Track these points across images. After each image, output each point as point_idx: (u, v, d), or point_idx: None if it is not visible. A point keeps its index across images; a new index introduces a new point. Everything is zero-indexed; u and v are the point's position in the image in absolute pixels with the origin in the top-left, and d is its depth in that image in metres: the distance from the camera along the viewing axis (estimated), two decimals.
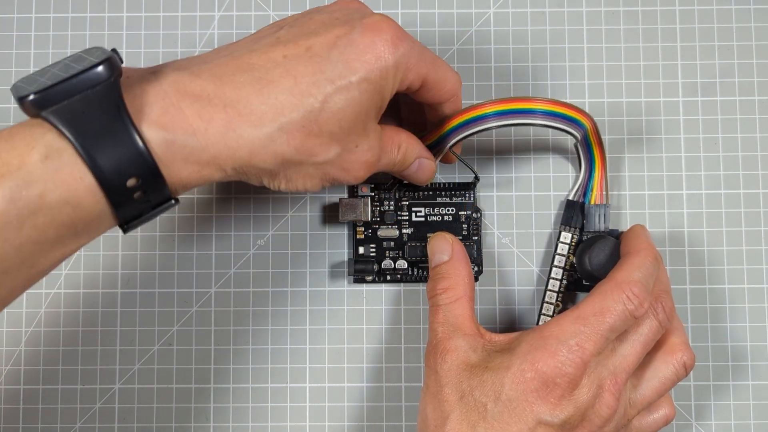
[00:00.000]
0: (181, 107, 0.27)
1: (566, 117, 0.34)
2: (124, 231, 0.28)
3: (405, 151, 0.34)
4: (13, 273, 0.26)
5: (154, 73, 0.28)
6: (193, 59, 0.29)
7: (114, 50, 0.27)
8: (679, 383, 0.38)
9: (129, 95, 0.27)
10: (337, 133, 0.29)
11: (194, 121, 0.27)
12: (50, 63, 0.27)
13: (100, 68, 0.26)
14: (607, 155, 0.39)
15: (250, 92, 0.28)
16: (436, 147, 0.36)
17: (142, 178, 0.26)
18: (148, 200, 0.27)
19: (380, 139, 0.32)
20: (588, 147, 0.38)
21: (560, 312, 0.39)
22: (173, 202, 0.28)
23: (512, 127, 0.40)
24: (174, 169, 0.27)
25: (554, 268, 0.39)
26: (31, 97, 0.25)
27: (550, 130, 0.40)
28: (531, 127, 0.40)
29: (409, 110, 0.37)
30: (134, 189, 0.26)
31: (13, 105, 0.40)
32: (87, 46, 0.41)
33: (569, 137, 0.41)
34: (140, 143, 0.26)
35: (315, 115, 0.28)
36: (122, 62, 0.27)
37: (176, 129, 0.27)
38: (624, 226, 0.40)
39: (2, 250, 0.25)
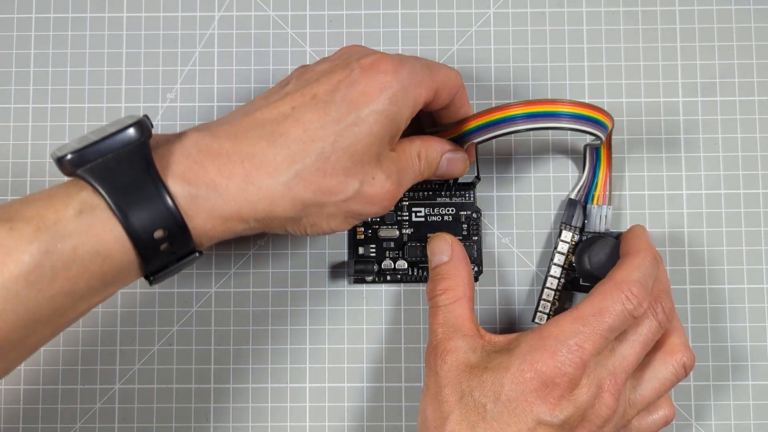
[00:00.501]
0: (203, 164, 0.29)
1: (592, 119, 0.34)
2: (150, 283, 0.29)
3: (426, 156, 0.34)
4: (44, 323, 0.27)
5: (178, 135, 0.30)
6: (212, 122, 0.31)
7: (146, 116, 0.29)
8: (679, 383, 0.38)
9: (156, 154, 0.28)
10: (351, 167, 0.30)
11: (216, 177, 0.29)
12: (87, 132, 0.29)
13: (131, 130, 0.28)
14: (612, 156, 0.40)
15: (264, 146, 0.29)
16: (457, 142, 0.36)
17: (169, 230, 0.28)
18: (174, 252, 0.29)
19: (397, 161, 0.33)
20: (597, 147, 0.38)
21: (557, 310, 0.39)
22: (197, 255, 0.30)
23: None
24: (199, 222, 0.29)
25: (553, 266, 0.39)
26: (69, 156, 0.27)
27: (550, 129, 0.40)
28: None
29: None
30: (161, 241, 0.28)
31: (13, 105, 0.40)
32: (87, 47, 0.41)
33: (569, 137, 0.41)
34: (167, 196, 0.28)
35: (327, 156, 0.29)
36: (152, 127, 0.29)
37: (199, 184, 0.28)
38: (624, 226, 0.40)
39: (36, 301, 0.26)
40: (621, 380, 0.32)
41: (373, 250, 0.39)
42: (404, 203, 0.39)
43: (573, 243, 0.39)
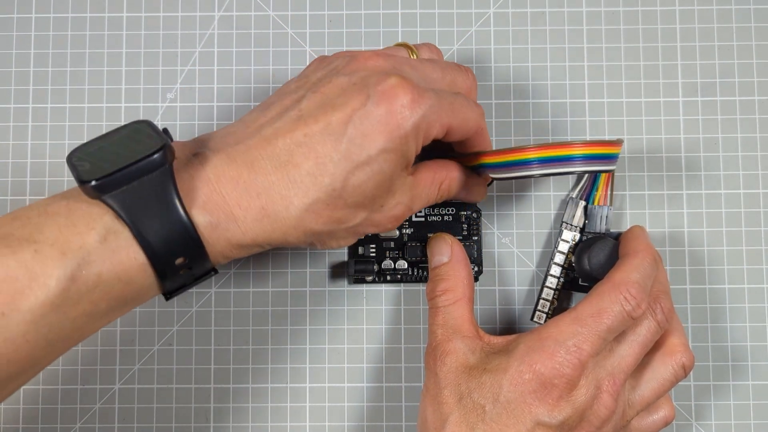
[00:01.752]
0: (222, 193, 0.29)
1: (603, 156, 0.33)
2: (167, 299, 0.30)
3: (447, 187, 0.35)
4: (65, 342, 0.28)
5: (196, 156, 0.30)
6: (227, 137, 0.31)
7: (165, 130, 0.30)
8: (679, 383, 0.38)
9: (179, 179, 0.29)
10: (361, 202, 0.30)
11: (235, 209, 0.29)
12: (105, 132, 0.29)
13: (157, 156, 0.28)
14: (621, 156, 0.39)
15: (278, 179, 0.29)
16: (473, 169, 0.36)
17: (190, 257, 0.29)
18: (192, 274, 0.30)
19: (411, 188, 0.33)
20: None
21: (556, 310, 0.39)
22: (213, 273, 0.31)
23: (512, 124, 0.40)
24: (217, 249, 0.30)
25: (554, 266, 0.39)
26: (93, 183, 0.27)
27: (549, 126, 0.40)
28: (531, 124, 0.40)
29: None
30: (181, 266, 0.29)
31: (13, 105, 0.40)
32: (87, 47, 0.41)
33: (569, 137, 0.41)
34: (191, 227, 0.28)
35: (338, 192, 0.30)
36: (172, 140, 0.29)
37: (219, 214, 0.29)
38: (624, 226, 0.40)
39: (60, 323, 0.27)
40: (620, 381, 0.32)
41: (373, 250, 0.39)
42: None
43: (574, 243, 0.39)
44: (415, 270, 0.39)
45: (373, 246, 0.39)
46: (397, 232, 0.39)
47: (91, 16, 0.41)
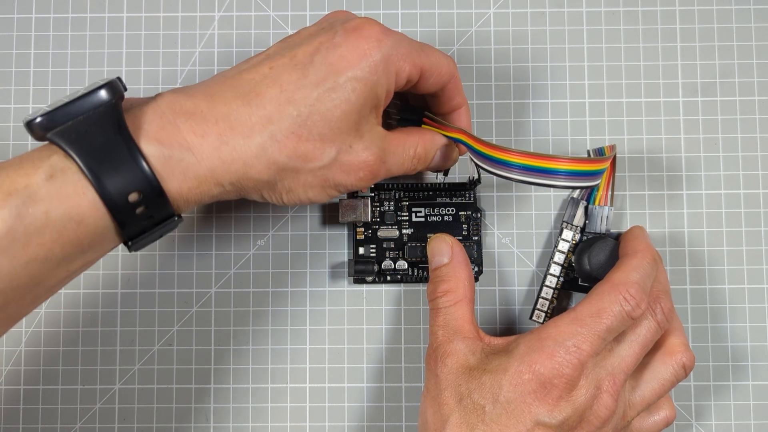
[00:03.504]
0: (176, 123, 0.28)
1: (588, 173, 0.33)
2: (129, 249, 0.29)
3: (423, 151, 0.34)
4: (21, 290, 0.27)
5: (152, 97, 0.29)
6: (189, 85, 0.31)
7: (119, 78, 0.29)
8: (680, 383, 0.38)
9: (129, 116, 0.28)
10: (327, 134, 0.30)
11: (189, 137, 0.28)
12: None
13: (102, 91, 0.27)
14: (617, 156, 0.39)
15: (240, 105, 0.29)
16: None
17: (143, 193, 0.27)
18: (151, 216, 0.28)
19: (381, 140, 0.32)
20: (601, 152, 0.38)
21: (555, 309, 0.39)
22: (176, 218, 0.29)
23: (512, 124, 0.40)
24: (174, 184, 0.28)
25: (553, 265, 0.39)
26: (38, 119, 0.27)
27: (549, 126, 0.40)
28: (531, 124, 0.40)
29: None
30: (136, 204, 0.27)
31: (13, 105, 0.40)
32: (87, 47, 0.41)
33: (569, 137, 0.41)
34: (140, 158, 0.27)
35: (303, 120, 0.29)
36: (125, 90, 0.29)
37: (173, 144, 0.28)
38: (625, 226, 0.40)
39: (10, 267, 0.26)
40: (620, 381, 0.32)
41: (373, 250, 0.39)
42: (404, 203, 0.39)
43: (574, 242, 0.39)
44: (415, 270, 0.39)
45: (373, 246, 0.39)
46: (397, 233, 0.39)
47: (91, 16, 0.41)
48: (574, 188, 0.33)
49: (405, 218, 0.39)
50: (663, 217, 0.40)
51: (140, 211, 0.28)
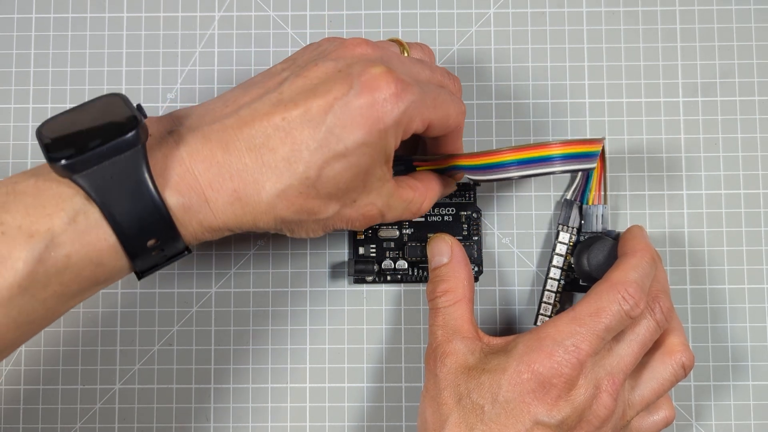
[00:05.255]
0: (195, 174, 0.28)
1: (582, 155, 0.33)
2: (139, 278, 0.30)
3: (427, 207, 0.35)
4: (37, 323, 0.27)
5: (170, 133, 0.29)
6: (205, 115, 0.30)
7: (139, 106, 0.29)
8: (680, 383, 0.38)
9: (152, 158, 0.28)
10: (335, 193, 0.30)
11: (207, 191, 0.28)
12: (77, 105, 0.29)
13: (130, 135, 0.27)
14: (607, 156, 0.40)
15: (252, 162, 0.29)
16: (444, 172, 0.36)
17: (162, 239, 0.28)
18: (165, 255, 0.29)
19: (388, 196, 0.32)
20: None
21: (558, 312, 0.39)
22: (186, 252, 0.30)
23: (512, 124, 0.40)
24: (189, 231, 0.29)
25: (552, 268, 0.39)
26: (63, 162, 0.26)
27: (549, 126, 0.40)
28: (531, 124, 0.40)
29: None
30: (153, 248, 0.28)
31: (13, 105, 0.40)
32: (87, 47, 0.41)
33: (569, 137, 0.41)
34: (163, 208, 0.28)
35: (312, 182, 0.29)
36: (146, 117, 0.29)
37: (192, 195, 0.28)
38: (624, 226, 0.40)
39: (29, 305, 0.26)
40: (619, 380, 0.32)
41: (373, 250, 0.39)
42: None
43: (571, 244, 0.39)
44: (416, 270, 0.39)
45: (374, 246, 0.39)
46: (397, 233, 0.39)
47: (91, 16, 0.41)
48: (572, 171, 0.33)
49: None
50: (663, 217, 0.40)
51: (155, 252, 0.29)
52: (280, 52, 0.41)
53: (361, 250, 0.39)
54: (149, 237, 0.28)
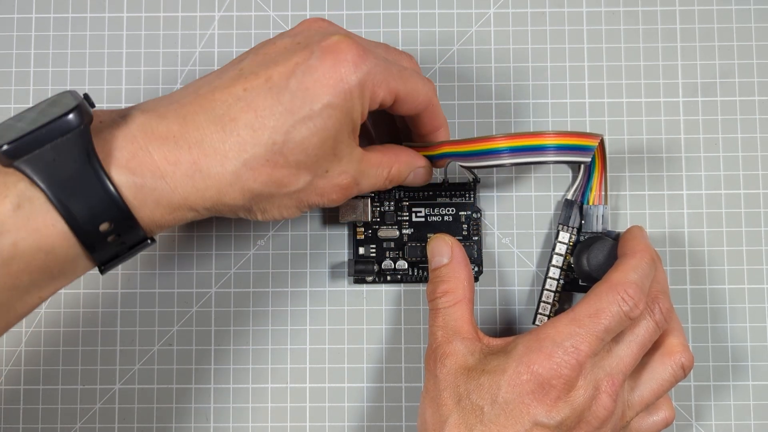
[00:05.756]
0: (149, 150, 0.27)
1: (576, 147, 0.33)
2: (102, 272, 0.28)
3: (397, 172, 0.34)
4: None
5: (123, 117, 0.28)
6: (162, 99, 0.30)
7: (86, 95, 0.28)
8: (680, 384, 0.38)
9: (99, 140, 0.27)
10: (304, 161, 0.29)
11: (162, 165, 0.27)
12: (28, 107, 0.28)
13: (71, 116, 0.26)
14: (607, 156, 0.40)
15: (213, 131, 0.28)
16: (433, 160, 0.36)
17: (115, 222, 0.27)
18: (123, 242, 0.28)
19: (358, 162, 0.32)
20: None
21: (557, 312, 0.39)
22: (149, 242, 0.29)
23: (512, 124, 0.40)
24: (146, 212, 0.28)
25: (552, 268, 0.39)
26: (4, 147, 0.26)
27: (549, 126, 0.40)
28: (531, 124, 0.40)
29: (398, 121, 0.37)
30: (108, 233, 0.27)
31: (13, 105, 0.40)
32: (87, 47, 0.41)
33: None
34: (111, 189, 0.26)
35: (279, 147, 0.28)
36: (93, 106, 0.28)
37: (145, 173, 0.27)
38: (624, 226, 0.40)
39: None
40: (618, 381, 0.32)
41: (373, 250, 0.39)
42: (404, 203, 0.39)
43: (571, 244, 0.39)
44: (416, 270, 0.39)
45: (373, 246, 0.39)
46: (398, 233, 0.39)
47: (91, 16, 0.41)
48: (565, 163, 0.33)
49: (405, 218, 0.39)
50: (663, 217, 0.40)
51: (112, 239, 0.27)
52: None
53: (361, 250, 0.39)
54: (100, 220, 0.27)
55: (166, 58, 0.41)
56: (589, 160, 0.34)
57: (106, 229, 0.27)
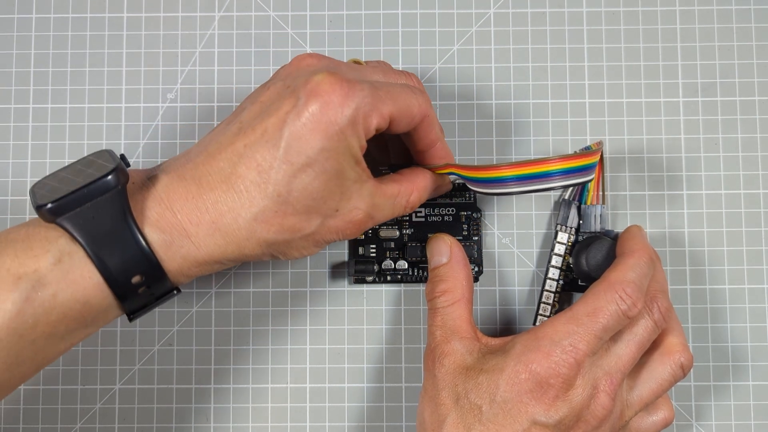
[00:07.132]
0: (173, 211, 0.29)
1: (581, 168, 0.33)
2: (130, 320, 0.30)
3: (417, 199, 0.34)
4: (27, 364, 0.28)
5: (150, 178, 0.31)
6: (180, 158, 0.32)
7: (122, 156, 0.30)
8: (680, 383, 0.38)
9: (132, 200, 0.29)
10: (311, 205, 0.30)
11: (186, 225, 0.29)
12: (63, 167, 0.30)
13: (110, 177, 0.29)
14: (606, 156, 0.40)
15: (225, 190, 0.30)
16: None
17: (146, 275, 0.29)
18: (152, 293, 0.30)
19: (371, 195, 0.32)
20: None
21: (557, 312, 0.39)
22: (175, 292, 0.31)
23: (512, 124, 0.40)
24: (174, 265, 0.30)
25: (551, 268, 0.39)
26: (48, 206, 0.28)
27: (549, 126, 0.40)
28: (531, 124, 0.40)
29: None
30: (139, 285, 0.29)
31: (13, 105, 0.40)
32: (87, 47, 0.41)
33: (569, 137, 0.41)
34: (144, 244, 0.29)
35: (284, 198, 0.29)
36: (128, 166, 0.30)
37: (173, 231, 0.29)
38: (624, 226, 0.40)
39: (18, 346, 0.27)
40: (617, 380, 0.32)
41: (374, 250, 0.39)
42: None
43: (569, 244, 0.39)
44: (416, 270, 0.39)
45: (374, 246, 0.39)
46: (398, 233, 0.39)
47: (92, 16, 0.41)
48: (571, 186, 0.33)
49: (405, 218, 0.39)
50: (663, 217, 0.40)
51: (142, 291, 0.29)
52: (280, 52, 0.41)
53: (361, 251, 0.39)
54: (133, 273, 0.29)
55: (166, 58, 0.41)
56: (592, 177, 0.34)
57: (138, 281, 0.29)
